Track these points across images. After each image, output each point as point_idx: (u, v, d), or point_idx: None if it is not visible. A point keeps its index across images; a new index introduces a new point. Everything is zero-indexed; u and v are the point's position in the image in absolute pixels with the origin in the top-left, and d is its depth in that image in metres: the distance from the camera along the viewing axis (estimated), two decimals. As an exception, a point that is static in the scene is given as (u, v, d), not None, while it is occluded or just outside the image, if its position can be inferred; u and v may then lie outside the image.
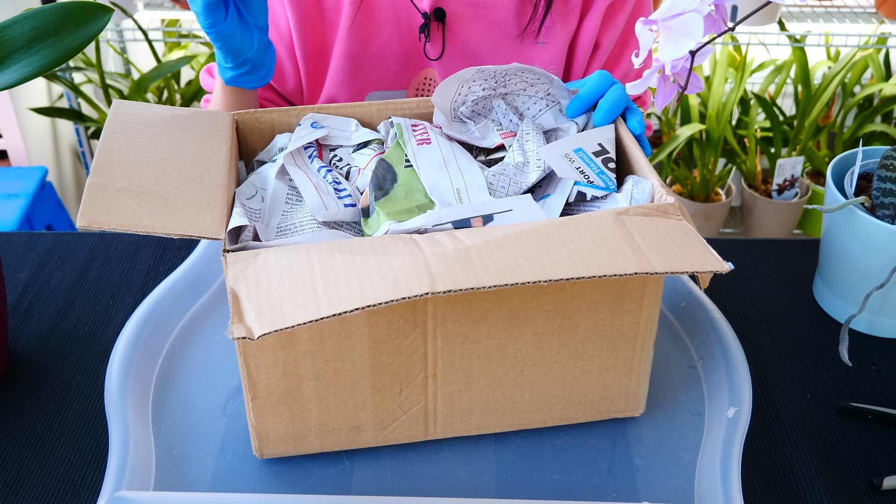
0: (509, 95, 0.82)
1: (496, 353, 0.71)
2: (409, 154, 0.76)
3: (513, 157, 0.76)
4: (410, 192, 0.74)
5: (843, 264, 0.89)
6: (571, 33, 0.99)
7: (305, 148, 0.80)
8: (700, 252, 0.63)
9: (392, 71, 0.99)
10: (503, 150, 0.80)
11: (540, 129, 0.80)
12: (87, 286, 0.96)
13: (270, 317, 0.58)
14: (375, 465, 0.75)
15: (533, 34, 0.98)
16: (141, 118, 0.75)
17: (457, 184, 0.74)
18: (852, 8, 2.22)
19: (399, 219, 0.70)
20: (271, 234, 0.73)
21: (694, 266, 0.62)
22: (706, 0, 0.64)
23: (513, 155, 0.77)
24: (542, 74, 0.80)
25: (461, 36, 0.97)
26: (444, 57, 0.98)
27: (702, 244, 0.64)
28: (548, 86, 0.81)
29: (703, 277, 0.66)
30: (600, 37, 1.00)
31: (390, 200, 0.73)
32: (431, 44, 0.97)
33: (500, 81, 0.80)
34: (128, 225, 0.63)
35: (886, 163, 0.86)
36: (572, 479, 0.74)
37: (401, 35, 0.97)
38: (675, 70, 0.67)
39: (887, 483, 0.74)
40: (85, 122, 2.13)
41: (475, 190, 0.73)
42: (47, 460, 0.76)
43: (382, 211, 0.72)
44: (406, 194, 0.74)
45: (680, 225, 0.66)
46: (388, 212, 0.71)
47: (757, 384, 0.84)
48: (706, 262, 0.62)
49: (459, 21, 0.97)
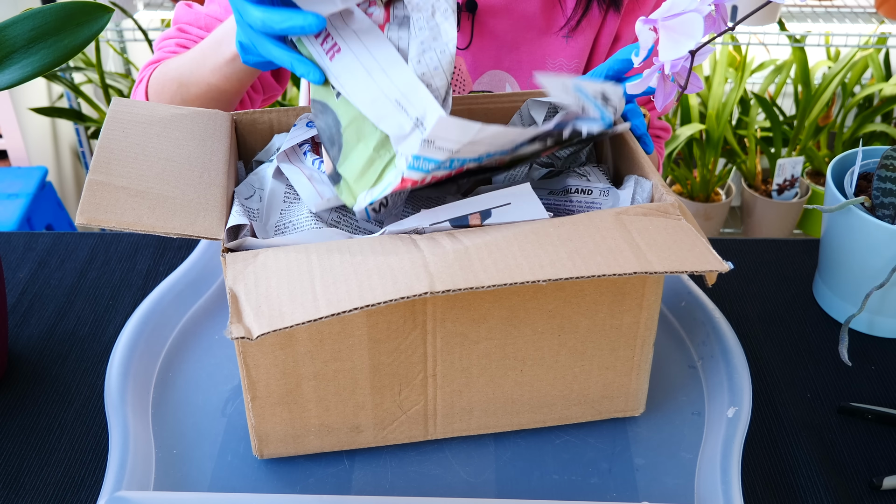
0: None
1: (496, 353, 0.71)
2: (329, 77, 0.68)
3: None
4: (359, 131, 0.67)
5: (843, 264, 0.89)
6: (597, 28, 1.01)
7: (300, 145, 0.80)
8: (699, 251, 0.63)
9: None
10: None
11: None
12: (87, 286, 0.96)
13: (269, 317, 0.58)
14: (375, 465, 0.75)
15: (563, 30, 0.99)
16: (140, 116, 0.75)
17: (392, 94, 0.66)
18: (852, 8, 2.22)
19: (366, 183, 0.66)
20: (269, 232, 0.73)
21: (693, 266, 0.62)
22: (706, 0, 0.64)
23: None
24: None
25: (489, 27, 0.99)
26: (472, 47, 0.99)
27: (701, 244, 0.64)
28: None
29: (709, 275, 0.66)
30: (621, 29, 1.02)
31: (349, 157, 0.68)
32: (461, 33, 0.98)
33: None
34: (127, 223, 0.63)
35: (886, 163, 0.86)
36: (572, 479, 0.74)
37: None
38: (675, 70, 0.67)
39: (887, 483, 0.74)
40: (85, 122, 2.13)
41: (413, 94, 0.65)
42: (47, 460, 0.76)
43: (348, 178, 0.67)
44: (357, 137, 0.67)
45: (679, 224, 0.66)
46: (354, 178, 0.67)
47: (757, 384, 0.84)
48: (706, 261, 0.62)
49: (490, 13, 0.98)
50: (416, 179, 0.64)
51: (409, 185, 0.64)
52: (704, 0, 0.64)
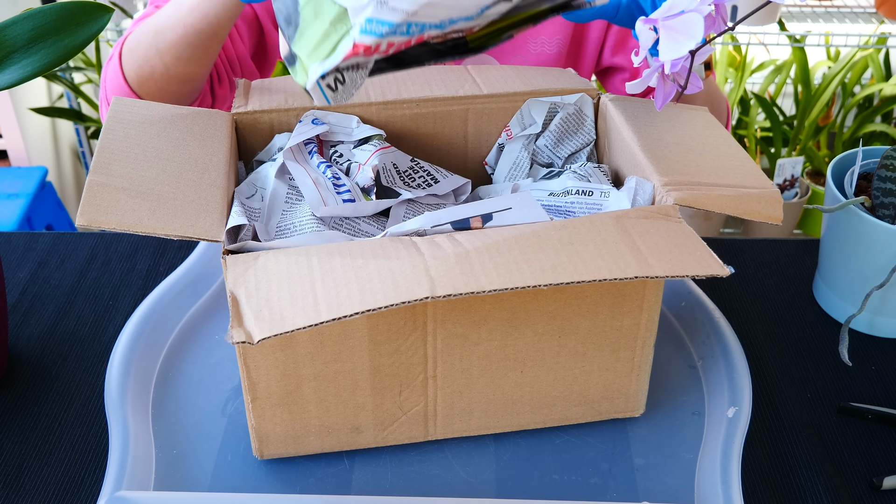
0: None
1: (496, 355, 0.71)
2: None
3: None
4: (317, 9, 0.63)
5: (843, 264, 0.89)
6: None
7: (306, 144, 0.80)
8: (700, 255, 0.63)
9: None
10: None
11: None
12: (87, 286, 0.96)
13: (270, 321, 0.58)
14: (375, 465, 0.75)
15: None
16: (140, 116, 0.75)
17: None
18: (852, 8, 2.22)
19: (319, 55, 0.62)
20: (270, 233, 0.73)
21: (694, 270, 0.61)
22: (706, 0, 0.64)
23: None
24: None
25: None
26: None
27: (702, 247, 0.64)
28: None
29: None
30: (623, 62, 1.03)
31: (304, 34, 0.64)
32: None
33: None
34: (127, 225, 0.63)
35: (886, 163, 0.86)
36: (572, 479, 0.74)
37: None
38: (675, 70, 0.67)
39: (887, 483, 0.74)
40: (85, 122, 2.13)
41: None
42: (47, 460, 0.76)
43: (302, 55, 0.63)
44: (315, 14, 0.63)
45: (681, 227, 0.66)
46: (308, 53, 0.63)
47: (757, 384, 0.84)
48: (707, 265, 0.62)
49: None
50: (368, 44, 0.59)
51: (362, 51, 0.60)
52: (704, 0, 0.64)
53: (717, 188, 0.71)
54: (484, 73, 0.89)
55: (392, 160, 0.81)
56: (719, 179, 0.72)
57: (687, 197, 0.69)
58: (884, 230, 0.83)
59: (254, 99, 0.83)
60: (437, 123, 0.85)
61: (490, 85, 0.86)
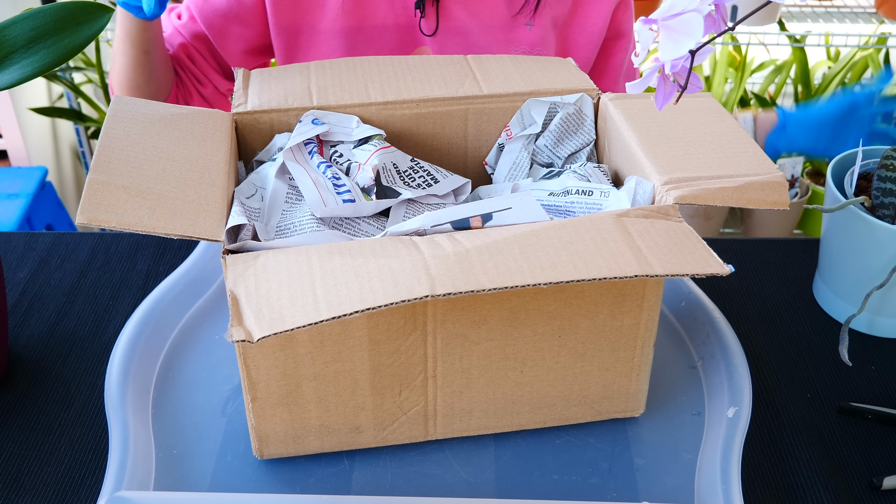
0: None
1: (496, 354, 0.71)
2: None
3: None
4: None
5: (843, 264, 0.89)
6: (563, 16, 1.03)
7: (306, 144, 0.80)
8: (700, 254, 0.63)
9: (387, 48, 1.02)
10: None
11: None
12: (87, 286, 0.96)
13: (270, 320, 0.58)
14: (375, 465, 0.75)
15: (523, 16, 1.02)
16: (140, 115, 0.75)
17: None
18: (852, 8, 2.22)
19: None
20: (270, 233, 0.73)
21: (694, 269, 0.62)
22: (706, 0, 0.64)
23: None
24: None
25: (455, 13, 1.01)
26: (439, 34, 1.01)
27: (702, 246, 0.64)
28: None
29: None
30: (623, 25, 1.03)
31: None
32: (426, 20, 1.00)
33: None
34: (127, 224, 0.63)
35: (886, 163, 0.86)
36: (572, 479, 0.74)
37: (395, 12, 1.00)
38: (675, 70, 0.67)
39: (887, 483, 0.74)
40: (85, 122, 2.13)
41: None
42: (47, 460, 0.76)
43: None
44: None
45: (681, 227, 0.66)
46: None
47: (757, 384, 0.84)
48: (706, 264, 0.62)
49: (454, 0, 1.01)
50: None
51: None
52: (704, 0, 0.64)
53: (718, 180, 0.71)
54: (483, 64, 0.89)
55: (392, 160, 0.81)
56: (722, 170, 0.72)
57: (687, 195, 0.69)
58: (884, 230, 0.83)
59: (253, 97, 0.83)
60: (437, 123, 0.85)
61: (490, 84, 0.86)
